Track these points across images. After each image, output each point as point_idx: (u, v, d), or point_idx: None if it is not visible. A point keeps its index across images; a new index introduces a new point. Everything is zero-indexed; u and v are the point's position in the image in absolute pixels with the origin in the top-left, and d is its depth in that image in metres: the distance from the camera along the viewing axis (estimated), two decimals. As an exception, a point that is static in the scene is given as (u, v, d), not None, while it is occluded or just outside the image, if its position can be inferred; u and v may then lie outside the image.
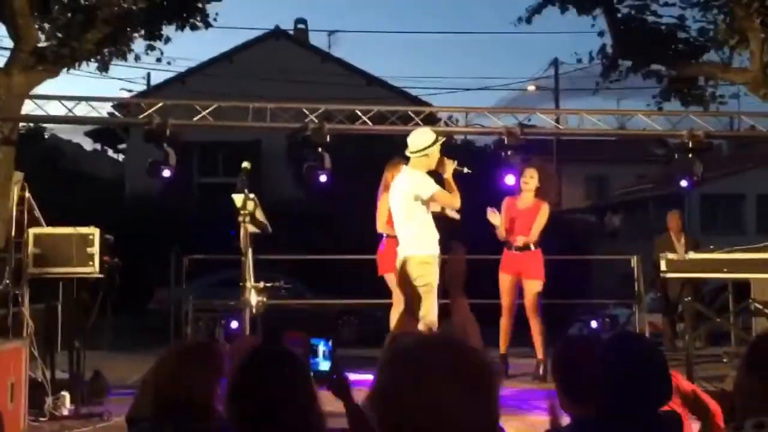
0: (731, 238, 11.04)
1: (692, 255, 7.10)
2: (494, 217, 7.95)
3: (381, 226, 7.54)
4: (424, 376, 1.65)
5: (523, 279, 8.05)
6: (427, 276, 6.33)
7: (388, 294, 7.47)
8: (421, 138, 6.56)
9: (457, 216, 6.94)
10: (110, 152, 31.80)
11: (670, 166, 10.79)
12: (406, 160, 6.96)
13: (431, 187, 6.37)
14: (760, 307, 7.19)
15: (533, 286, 8.03)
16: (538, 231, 8.05)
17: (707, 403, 3.48)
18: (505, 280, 8.09)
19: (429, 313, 6.25)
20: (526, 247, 8.01)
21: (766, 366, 2.46)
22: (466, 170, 6.62)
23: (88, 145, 32.42)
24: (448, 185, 6.50)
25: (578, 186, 31.45)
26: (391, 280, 7.28)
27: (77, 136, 30.96)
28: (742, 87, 11.37)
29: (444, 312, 6.06)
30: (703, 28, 11.61)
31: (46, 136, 25.45)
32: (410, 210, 6.43)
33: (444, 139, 6.73)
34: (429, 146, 6.47)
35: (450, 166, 6.54)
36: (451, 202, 6.58)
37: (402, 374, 1.68)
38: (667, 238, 9.95)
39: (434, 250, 6.43)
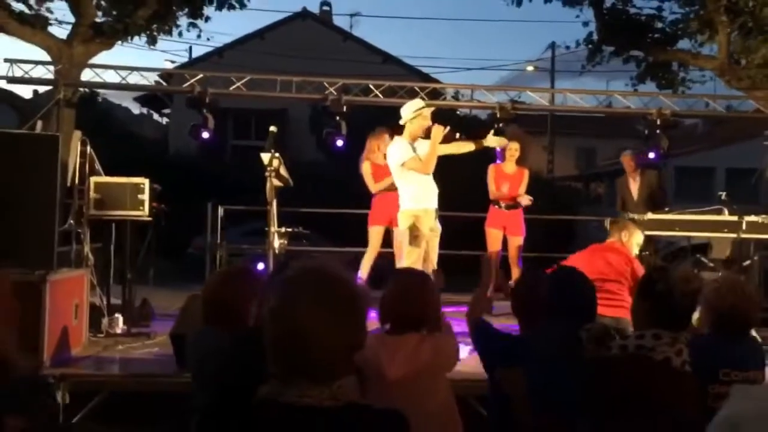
0: (701, 206, 11.23)
1: (650, 215, 7.39)
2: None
3: (373, 188, 7.96)
4: (296, 302, 1.70)
5: (507, 234, 8.43)
6: (416, 227, 6.65)
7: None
8: (407, 108, 6.82)
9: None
10: (155, 116, 32.17)
11: (648, 141, 10.88)
12: (390, 130, 7.50)
13: (403, 156, 6.64)
14: (705, 261, 7.54)
15: (516, 241, 8.44)
16: (524, 191, 8.50)
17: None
18: (492, 233, 8.46)
19: (409, 257, 6.59)
20: (512, 207, 8.38)
21: (649, 294, 2.89)
22: (458, 135, 6.82)
23: (135, 108, 32.82)
24: (431, 150, 6.66)
25: (569, 157, 31.56)
26: (374, 232, 7.84)
27: (126, 101, 31.37)
28: (709, 72, 11.60)
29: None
30: (678, 20, 11.80)
31: (99, 101, 25.79)
32: (397, 174, 6.80)
33: (426, 107, 6.90)
34: (413, 115, 6.71)
35: (438, 131, 6.67)
36: (421, 169, 6.66)
37: (279, 300, 1.73)
38: (624, 179, 9.64)
39: (423, 204, 6.69)
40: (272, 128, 6.80)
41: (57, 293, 5.56)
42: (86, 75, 10.38)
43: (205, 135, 8.99)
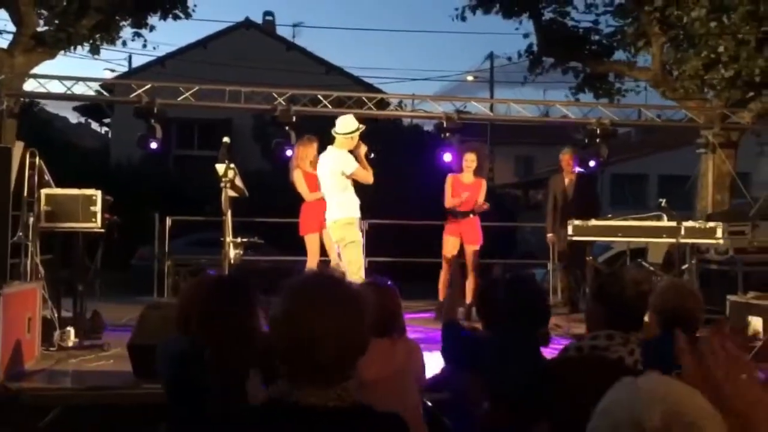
0: (636, 212, 11.58)
1: (594, 222, 7.63)
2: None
3: (307, 196, 8.07)
4: (308, 306, 1.77)
5: (464, 243, 8.50)
6: (351, 235, 6.97)
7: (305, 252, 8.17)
8: (348, 123, 7.18)
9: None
10: (93, 125, 31.56)
11: (586, 149, 11.13)
12: (316, 138, 7.97)
13: (353, 165, 6.99)
14: (646, 264, 7.84)
15: (472, 248, 8.50)
16: (480, 202, 8.56)
17: None
18: (448, 241, 8.50)
19: (353, 264, 6.85)
20: (468, 214, 8.48)
21: (602, 297, 3.03)
22: (372, 155, 7.22)
23: (73, 118, 32.12)
24: (362, 163, 7.08)
25: (509, 164, 32.12)
26: (311, 239, 7.97)
27: (63, 111, 30.63)
28: (644, 83, 12.03)
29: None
30: (613, 32, 12.20)
31: (36, 110, 25.14)
32: (337, 182, 7.04)
33: (364, 127, 7.30)
34: (353, 131, 7.09)
35: (363, 148, 7.12)
36: (367, 178, 7.08)
37: (290, 305, 1.79)
38: (560, 177, 9.48)
39: (356, 213, 7.07)
40: (226, 139, 6.83)
41: (10, 307, 5.47)
42: (29, 85, 10.21)
43: (154, 145, 8.93)
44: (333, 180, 7.04)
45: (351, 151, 7.10)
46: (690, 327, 3.47)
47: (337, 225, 7.01)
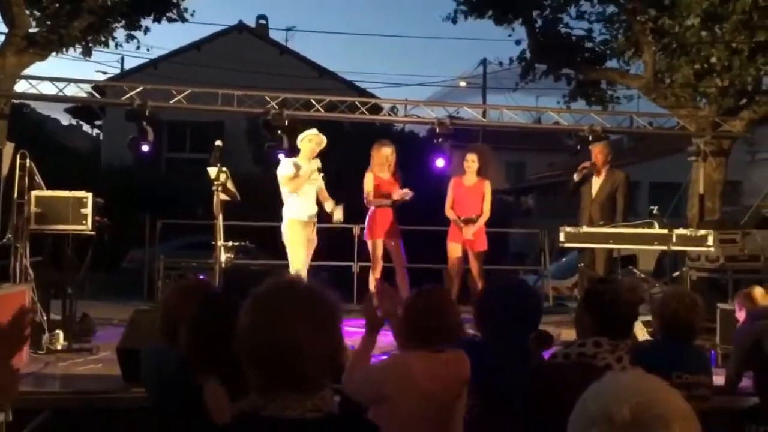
0: (627, 218, 11.51)
1: (585, 229, 7.59)
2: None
3: (366, 201, 8.18)
4: (280, 315, 1.69)
5: (468, 248, 8.40)
6: (288, 236, 7.45)
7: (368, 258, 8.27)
8: (300, 134, 7.86)
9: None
10: (84, 127, 31.43)
11: (577, 156, 11.00)
12: (390, 142, 8.36)
13: (280, 173, 7.59)
14: (636, 272, 7.83)
15: (477, 253, 8.39)
16: (488, 206, 8.43)
17: None
18: (452, 248, 8.41)
19: (294, 263, 7.31)
20: (470, 221, 8.36)
21: (595, 304, 3.03)
22: (321, 175, 7.68)
23: (64, 120, 31.98)
24: (303, 176, 7.55)
25: (500, 170, 32.17)
26: (373, 245, 7.95)
27: (54, 112, 30.53)
28: (637, 91, 12.06)
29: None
30: (606, 40, 12.22)
31: (26, 112, 25.03)
32: (282, 187, 7.57)
33: (317, 137, 7.80)
34: (300, 140, 7.76)
35: (314, 163, 7.63)
36: (287, 185, 7.51)
37: (261, 314, 1.71)
38: (590, 175, 8.58)
39: (297, 215, 7.52)
40: (218, 142, 6.82)
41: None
42: (20, 86, 10.14)
43: (145, 148, 8.87)
44: (281, 183, 7.61)
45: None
46: (687, 333, 3.48)
47: (284, 224, 7.54)
